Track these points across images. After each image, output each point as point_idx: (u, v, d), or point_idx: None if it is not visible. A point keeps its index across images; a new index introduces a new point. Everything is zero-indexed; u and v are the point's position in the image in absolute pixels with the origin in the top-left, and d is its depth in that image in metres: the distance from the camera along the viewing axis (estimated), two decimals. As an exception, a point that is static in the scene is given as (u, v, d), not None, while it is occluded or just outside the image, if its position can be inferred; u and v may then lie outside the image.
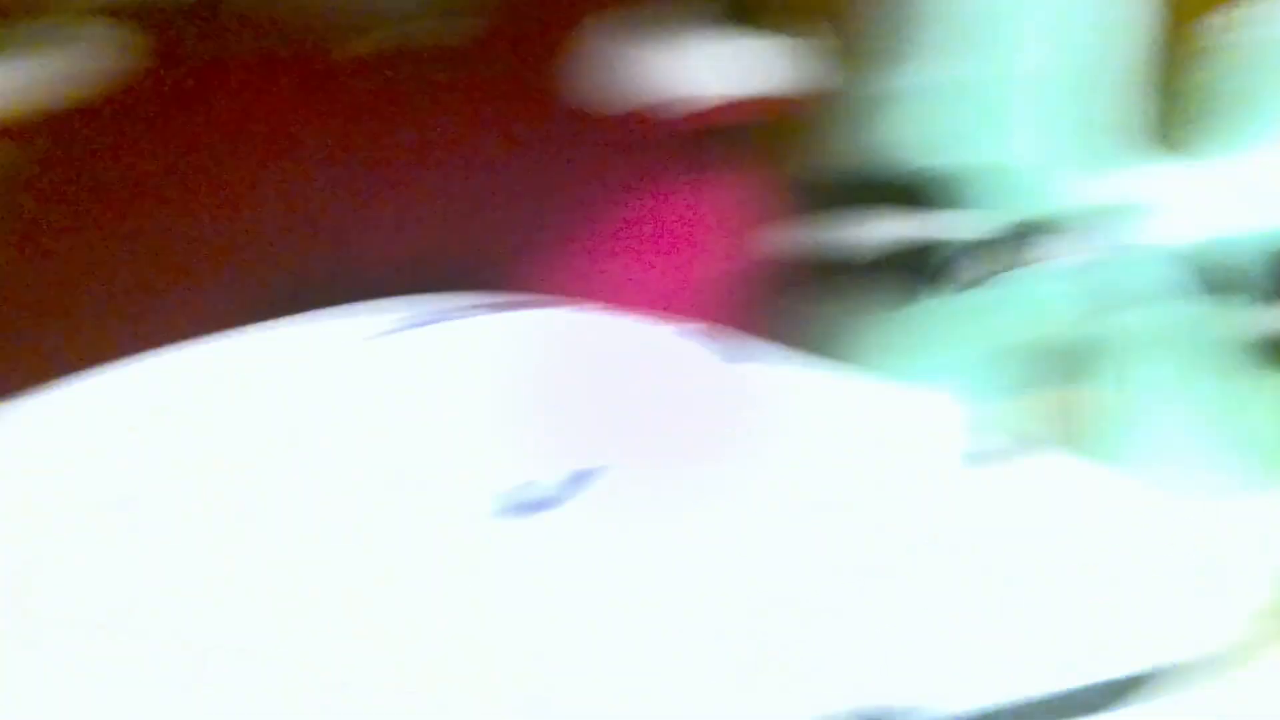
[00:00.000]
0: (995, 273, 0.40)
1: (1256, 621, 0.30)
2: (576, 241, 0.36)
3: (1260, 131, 0.42)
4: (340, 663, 0.16)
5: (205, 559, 0.16)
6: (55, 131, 0.31)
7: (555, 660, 0.17)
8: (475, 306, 0.23)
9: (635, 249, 0.36)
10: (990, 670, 0.19)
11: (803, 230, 0.39)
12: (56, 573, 0.16)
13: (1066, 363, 0.48)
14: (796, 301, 0.45)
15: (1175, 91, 0.52)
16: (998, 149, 0.41)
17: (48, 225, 0.32)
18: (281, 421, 0.18)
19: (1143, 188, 0.43)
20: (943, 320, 0.40)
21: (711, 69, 0.40)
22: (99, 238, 0.31)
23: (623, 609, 0.17)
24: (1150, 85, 0.45)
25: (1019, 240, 0.41)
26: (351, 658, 0.16)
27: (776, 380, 0.22)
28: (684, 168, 0.39)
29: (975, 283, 0.40)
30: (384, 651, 0.16)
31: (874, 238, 0.39)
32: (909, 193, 0.41)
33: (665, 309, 0.33)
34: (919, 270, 0.39)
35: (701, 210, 0.39)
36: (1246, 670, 0.28)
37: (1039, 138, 0.41)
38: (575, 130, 0.38)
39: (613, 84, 0.37)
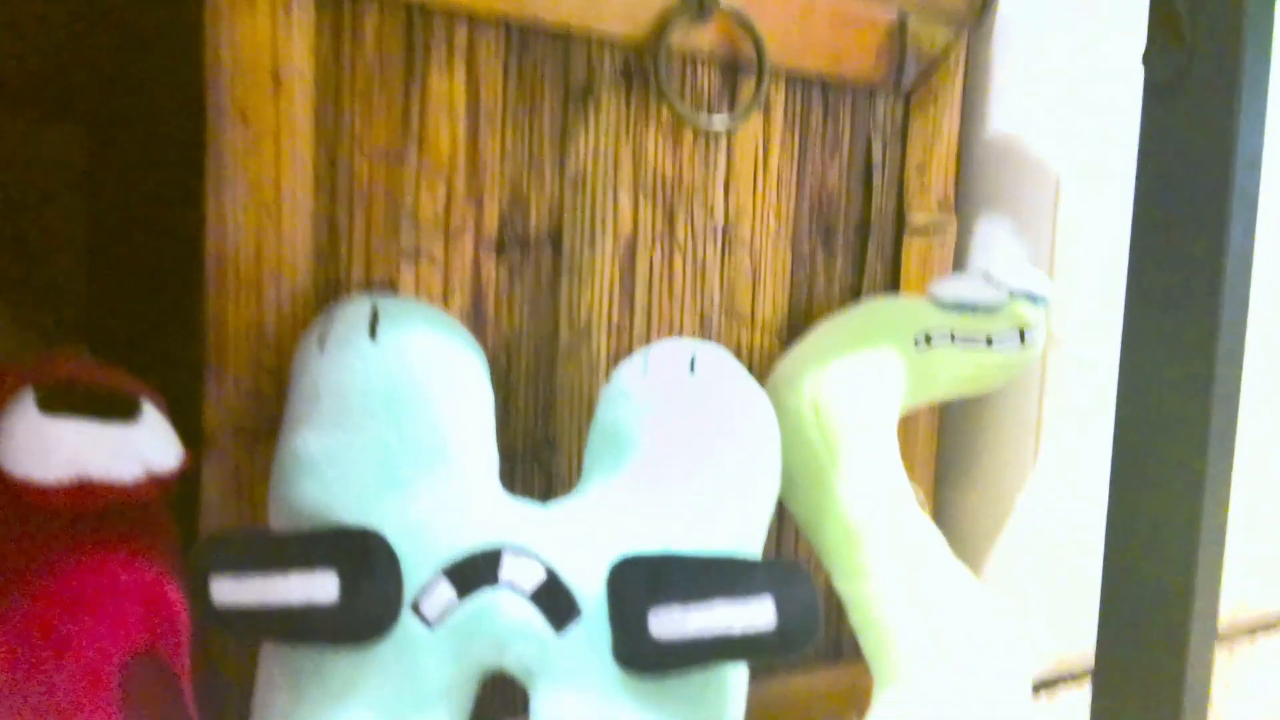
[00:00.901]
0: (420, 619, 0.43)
1: None
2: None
3: (604, 481, 0.47)
4: None
5: None
6: None
7: None
8: None
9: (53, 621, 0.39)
10: None
11: (231, 589, 0.41)
12: None
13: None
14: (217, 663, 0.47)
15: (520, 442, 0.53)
16: (389, 505, 0.43)
17: None
18: None
19: (507, 533, 0.46)
20: (384, 663, 0.42)
21: (100, 451, 0.42)
22: None
23: None
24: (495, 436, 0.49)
25: (430, 588, 0.44)
26: None
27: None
28: (97, 537, 0.42)
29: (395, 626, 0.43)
30: None
31: (309, 593, 0.41)
32: (329, 550, 0.43)
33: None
34: (352, 623, 0.41)
35: (116, 579, 0.42)
36: None
37: (424, 493, 0.44)
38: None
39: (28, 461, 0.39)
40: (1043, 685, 0.76)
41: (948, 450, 0.76)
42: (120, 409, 0.44)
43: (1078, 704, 0.75)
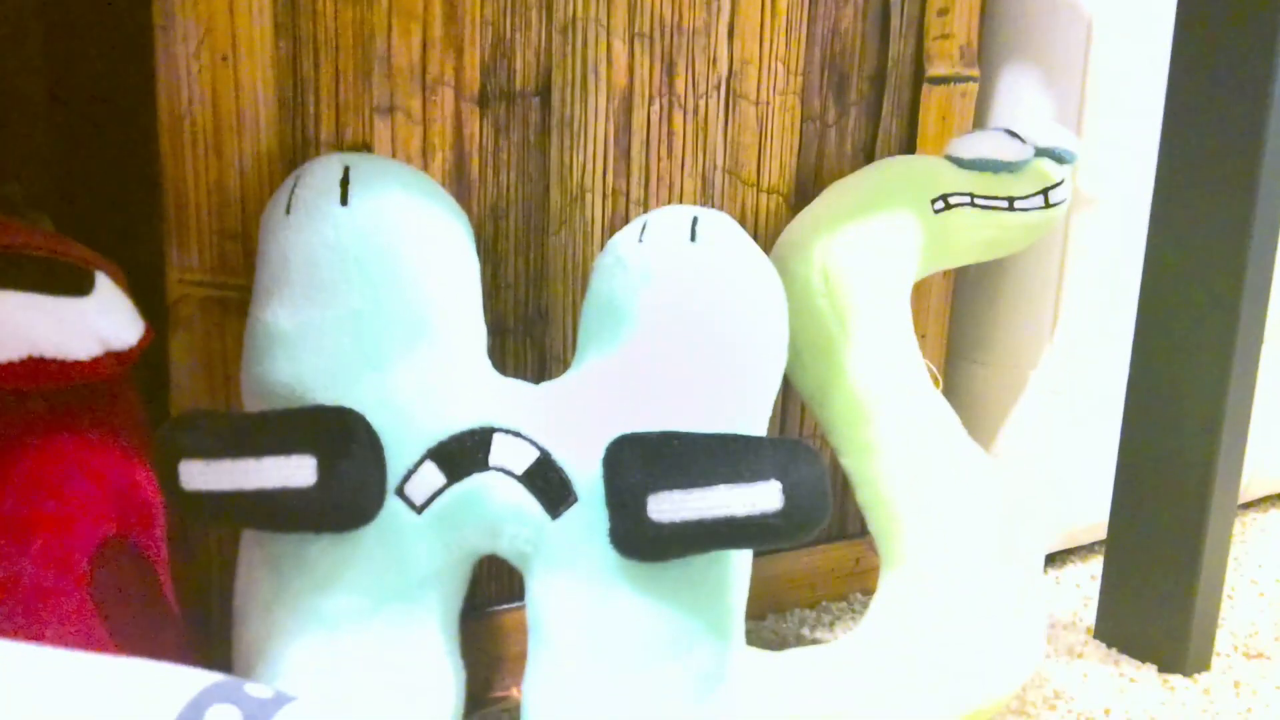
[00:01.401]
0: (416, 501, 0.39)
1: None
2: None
3: (600, 357, 0.42)
4: None
5: None
6: None
7: None
8: None
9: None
10: None
11: (205, 471, 0.37)
12: None
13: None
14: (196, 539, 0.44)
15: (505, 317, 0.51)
16: (369, 383, 0.39)
17: None
18: None
19: (497, 412, 0.42)
20: (376, 549, 0.39)
21: (63, 329, 0.37)
22: None
23: None
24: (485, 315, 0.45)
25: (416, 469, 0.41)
26: None
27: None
28: (59, 419, 0.38)
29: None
30: None
31: (300, 476, 0.38)
32: (306, 431, 0.39)
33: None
34: (342, 504, 0.37)
35: (81, 460, 0.38)
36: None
37: (405, 370, 0.39)
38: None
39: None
40: (1052, 559, 0.76)
41: (961, 322, 0.72)
42: (72, 281, 0.41)
43: (1087, 579, 0.74)
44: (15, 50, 0.63)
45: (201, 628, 0.48)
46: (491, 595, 0.56)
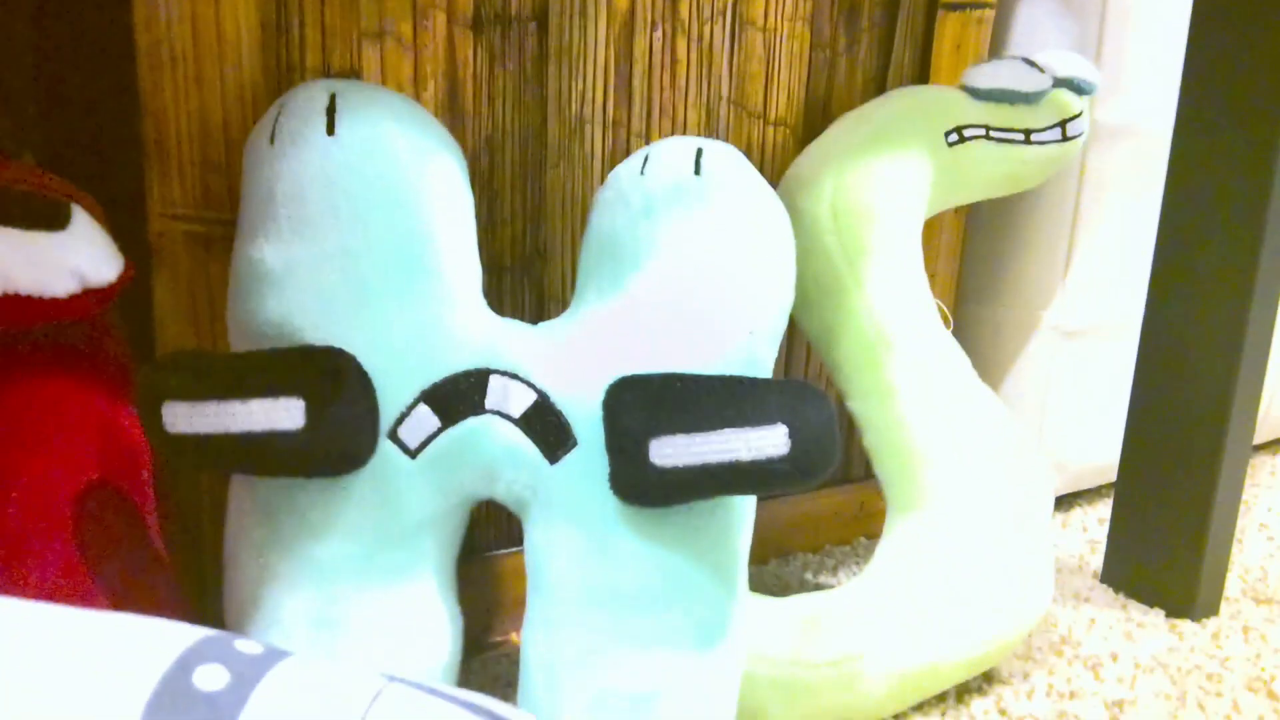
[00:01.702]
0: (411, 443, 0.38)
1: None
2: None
3: (600, 297, 0.39)
4: None
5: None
6: None
7: None
8: None
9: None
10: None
11: (195, 411, 0.35)
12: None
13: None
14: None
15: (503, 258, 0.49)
16: (360, 322, 0.36)
17: None
18: None
19: (494, 353, 0.40)
20: (372, 488, 0.37)
21: (38, 266, 0.35)
22: None
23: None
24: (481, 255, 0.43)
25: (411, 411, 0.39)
26: None
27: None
28: (39, 360, 0.35)
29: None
30: None
31: (281, 415, 0.36)
32: (294, 372, 0.36)
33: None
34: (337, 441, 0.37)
35: (67, 397, 0.36)
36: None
37: (398, 309, 0.37)
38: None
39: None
40: (1059, 503, 0.75)
41: (972, 261, 0.70)
42: (47, 216, 0.39)
43: (1094, 523, 0.73)
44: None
45: (193, 574, 0.47)
46: (490, 540, 0.55)
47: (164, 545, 0.42)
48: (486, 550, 0.55)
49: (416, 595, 0.41)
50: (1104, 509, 0.74)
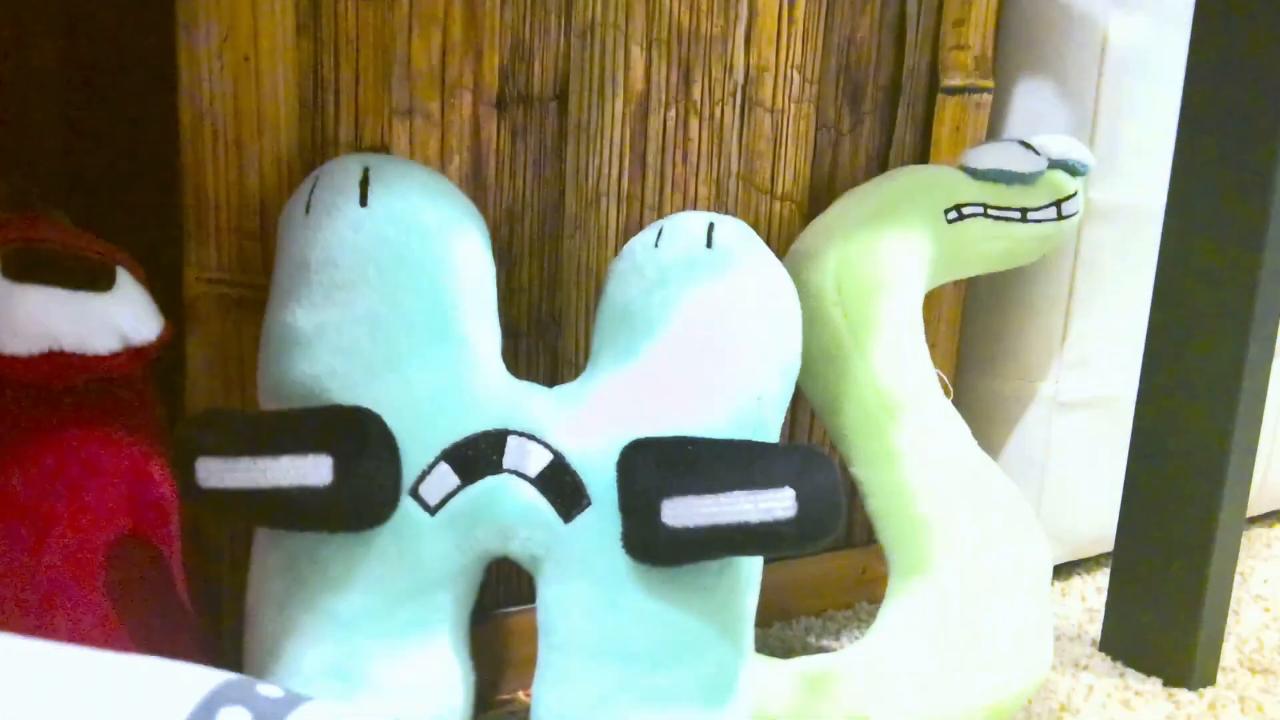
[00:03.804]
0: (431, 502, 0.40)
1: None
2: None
3: (614, 362, 0.42)
4: None
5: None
6: None
7: None
8: None
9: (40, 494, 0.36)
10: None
11: (226, 468, 0.38)
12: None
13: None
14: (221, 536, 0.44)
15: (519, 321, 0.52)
16: (386, 383, 0.39)
17: None
18: None
19: (512, 415, 0.42)
20: (378, 550, 0.39)
21: (85, 324, 0.38)
22: None
23: None
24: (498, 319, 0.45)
25: (433, 470, 0.41)
26: None
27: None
28: (76, 415, 0.38)
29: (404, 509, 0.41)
30: None
31: (314, 474, 0.38)
32: (322, 431, 0.39)
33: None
34: (362, 501, 0.38)
35: (105, 454, 0.38)
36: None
37: (422, 371, 0.40)
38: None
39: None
40: (1057, 572, 0.76)
41: (972, 333, 0.73)
42: (93, 277, 0.41)
43: (1092, 592, 0.74)
44: (30, 47, 0.63)
45: (212, 624, 0.48)
46: (499, 598, 0.56)
47: (187, 595, 0.43)
48: (496, 609, 0.56)
49: (432, 650, 0.42)
50: (1103, 578, 0.75)
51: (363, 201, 0.42)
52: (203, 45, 0.45)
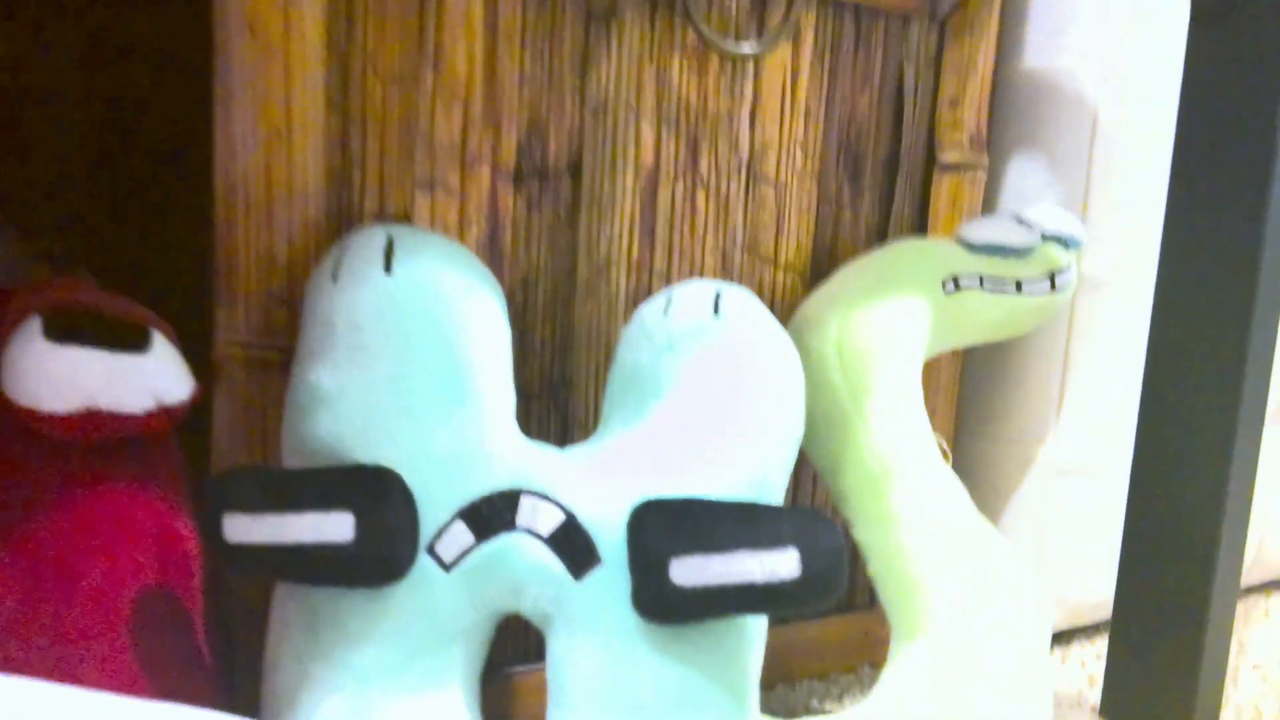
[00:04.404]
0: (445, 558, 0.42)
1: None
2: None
3: (624, 424, 0.45)
4: None
5: None
6: None
7: None
8: None
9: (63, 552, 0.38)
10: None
11: (241, 526, 0.39)
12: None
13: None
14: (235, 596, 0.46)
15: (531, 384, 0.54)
16: (405, 442, 0.42)
17: None
18: None
19: (525, 475, 0.44)
20: (407, 603, 0.41)
21: (111, 384, 0.40)
22: None
23: None
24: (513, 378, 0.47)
25: (452, 526, 0.43)
26: None
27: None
28: (107, 470, 0.40)
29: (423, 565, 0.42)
30: None
31: (326, 532, 0.40)
32: (345, 489, 0.41)
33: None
34: (375, 560, 0.40)
35: (128, 512, 0.40)
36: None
37: (440, 431, 0.42)
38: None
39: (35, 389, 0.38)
40: (1057, 638, 0.76)
41: (969, 398, 0.74)
42: (130, 338, 0.43)
43: (1091, 657, 0.75)
44: (58, 112, 0.66)
45: (229, 674, 0.49)
46: (507, 656, 0.57)
47: (207, 647, 0.44)
48: (504, 667, 0.57)
49: (445, 704, 0.43)
50: (1102, 644, 0.75)
51: (387, 269, 0.44)
52: (238, 120, 0.48)
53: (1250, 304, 0.59)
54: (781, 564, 0.41)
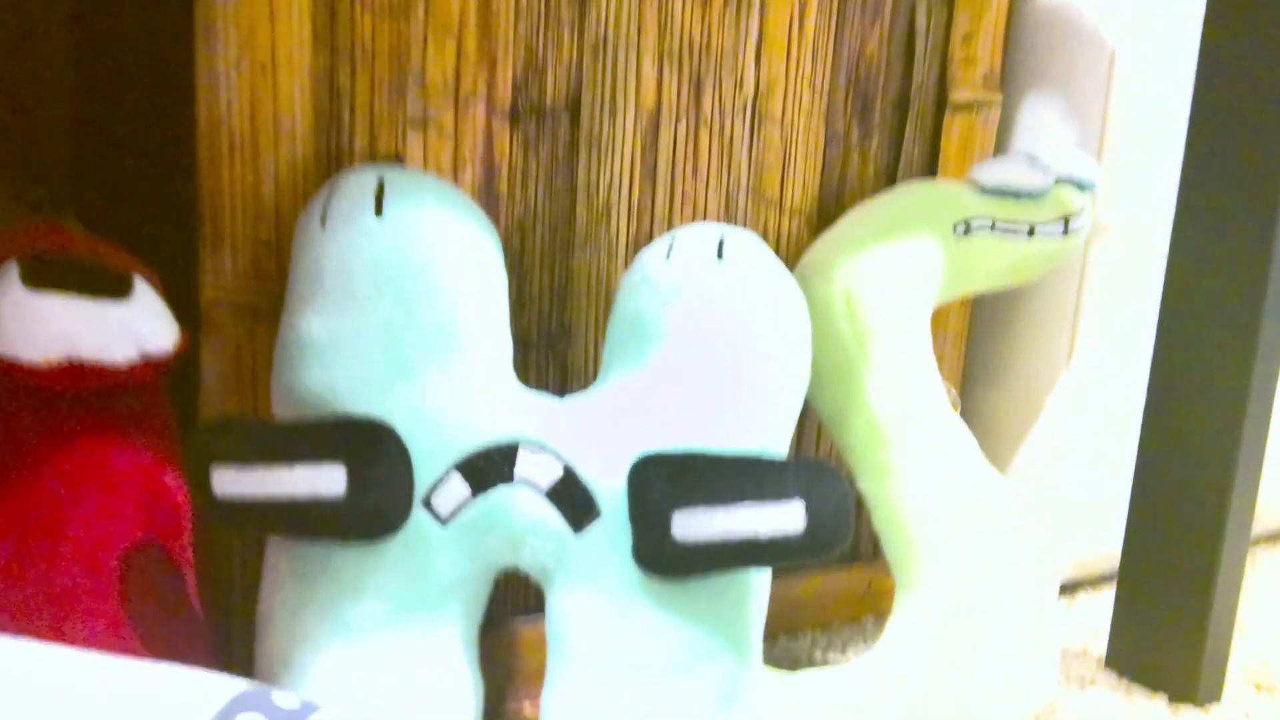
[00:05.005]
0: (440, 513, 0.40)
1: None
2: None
3: (624, 373, 0.42)
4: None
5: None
6: None
7: None
8: None
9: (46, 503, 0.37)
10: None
11: (233, 477, 0.38)
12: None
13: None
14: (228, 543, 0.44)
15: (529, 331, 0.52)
16: (399, 393, 0.39)
17: None
18: None
19: (523, 426, 0.43)
20: (396, 555, 0.39)
21: (97, 333, 0.38)
22: None
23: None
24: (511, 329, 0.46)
25: (443, 481, 0.41)
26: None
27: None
28: (92, 422, 0.38)
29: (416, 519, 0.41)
30: None
31: (321, 483, 0.38)
32: (336, 441, 0.39)
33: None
34: (368, 512, 0.39)
35: (116, 464, 0.38)
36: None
37: (434, 381, 0.40)
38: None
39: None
40: (1063, 589, 0.76)
41: (978, 346, 0.73)
42: (112, 286, 0.41)
43: (1097, 608, 0.74)
44: (37, 51, 0.64)
45: (221, 631, 0.48)
46: (507, 609, 0.57)
47: (199, 603, 0.43)
48: (503, 619, 0.56)
49: (442, 658, 0.42)
50: (1109, 595, 0.75)
51: (378, 212, 0.43)
52: (220, 54, 0.45)
53: (1269, 252, 0.58)
54: (786, 517, 0.40)
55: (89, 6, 0.63)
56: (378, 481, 0.40)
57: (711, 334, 0.45)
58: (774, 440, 0.45)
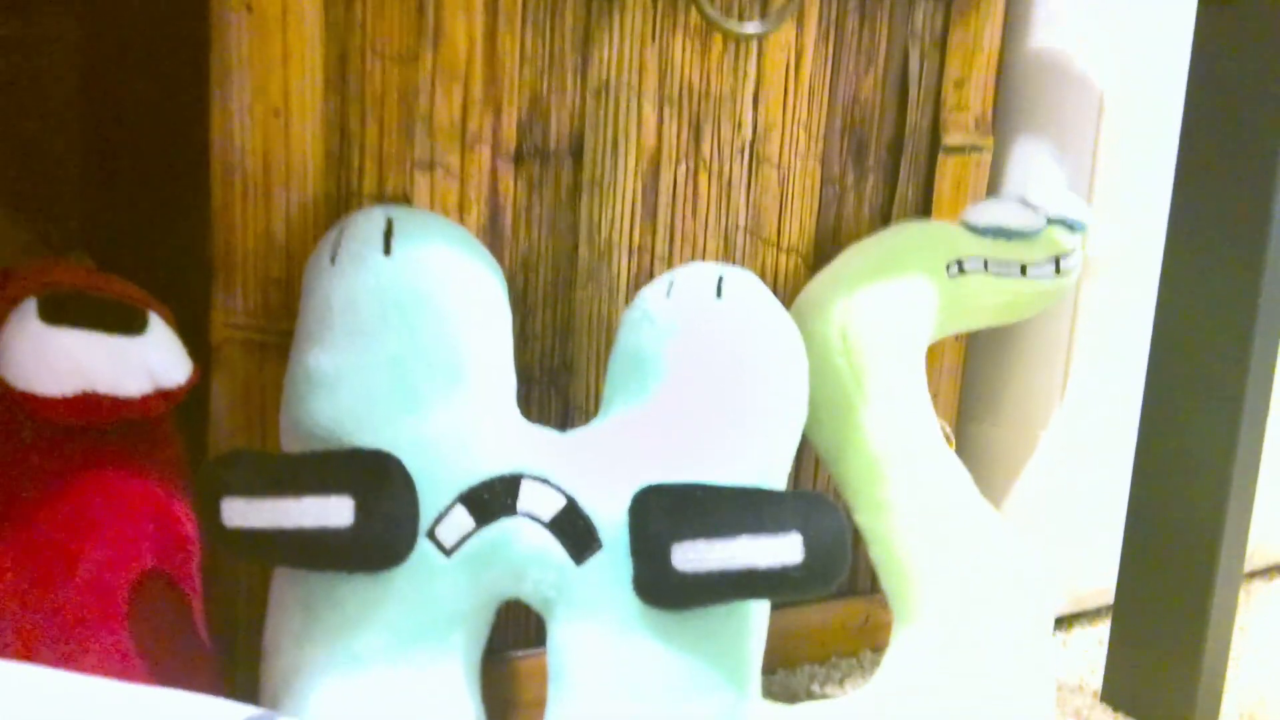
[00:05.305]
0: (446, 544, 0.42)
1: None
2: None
3: (625, 408, 0.44)
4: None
5: None
6: None
7: None
8: None
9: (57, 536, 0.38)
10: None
11: (237, 510, 0.39)
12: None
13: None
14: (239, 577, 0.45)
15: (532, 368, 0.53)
16: (405, 426, 0.41)
17: None
18: None
19: (526, 459, 0.44)
20: (404, 590, 0.40)
21: (111, 367, 0.40)
22: None
23: None
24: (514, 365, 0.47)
25: (448, 512, 0.42)
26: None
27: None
28: (104, 453, 0.40)
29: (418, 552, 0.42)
30: None
31: (333, 517, 0.39)
32: (344, 473, 0.40)
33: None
34: (377, 544, 0.40)
35: (124, 495, 0.40)
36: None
37: (440, 415, 0.42)
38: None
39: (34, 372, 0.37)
40: (1058, 623, 0.76)
41: (973, 382, 0.74)
42: (127, 320, 0.42)
43: (1093, 642, 0.74)
44: (51, 92, 0.65)
45: (227, 660, 0.49)
46: (508, 640, 0.57)
47: (206, 633, 0.44)
48: (504, 651, 0.57)
49: (445, 688, 0.43)
50: (1105, 629, 0.75)
51: (386, 251, 0.44)
52: (234, 98, 0.47)
53: (1256, 290, 0.59)
54: (784, 549, 0.41)
55: (99, 47, 0.64)
56: (384, 513, 0.40)
57: (710, 369, 0.46)
58: (772, 473, 0.46)
